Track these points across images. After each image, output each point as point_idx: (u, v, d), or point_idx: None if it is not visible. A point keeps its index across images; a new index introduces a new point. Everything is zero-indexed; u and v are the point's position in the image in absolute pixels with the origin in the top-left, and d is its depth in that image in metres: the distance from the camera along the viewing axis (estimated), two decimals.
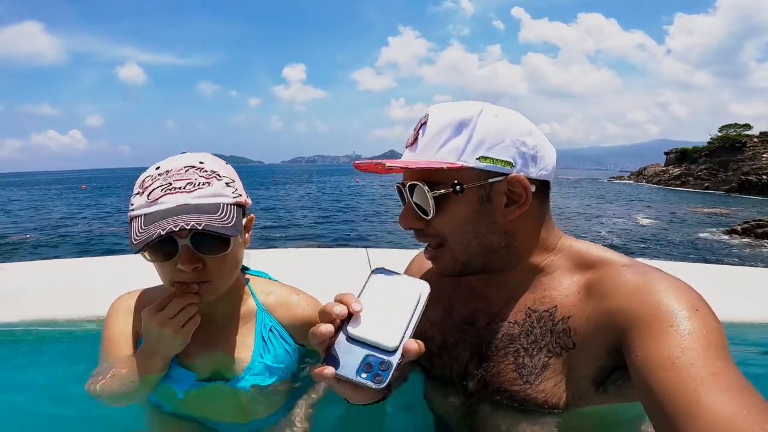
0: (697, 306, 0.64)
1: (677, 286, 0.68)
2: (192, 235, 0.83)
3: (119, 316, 1.00)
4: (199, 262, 0.85)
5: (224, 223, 0.84)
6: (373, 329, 0.59)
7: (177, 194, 0.83)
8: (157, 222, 0.80)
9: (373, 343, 0.58)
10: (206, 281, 0.88)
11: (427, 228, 0.80)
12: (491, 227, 0.78)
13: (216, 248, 0.86)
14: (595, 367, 0.73)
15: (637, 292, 0.69)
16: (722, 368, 0.56)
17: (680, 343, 0.59)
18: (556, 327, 0.77)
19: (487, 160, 0.74)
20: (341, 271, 2.37)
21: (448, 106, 0.78)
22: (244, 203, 0.94)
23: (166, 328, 0.87)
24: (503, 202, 0.77)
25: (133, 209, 0.85)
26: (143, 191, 0.85)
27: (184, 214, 0.81)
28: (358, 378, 0.57)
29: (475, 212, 0.77)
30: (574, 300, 0.77)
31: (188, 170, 0.87)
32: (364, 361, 0.58)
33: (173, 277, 0.87)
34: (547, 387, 0.75)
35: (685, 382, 0.55)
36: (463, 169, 0.74)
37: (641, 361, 0.61)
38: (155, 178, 0.86)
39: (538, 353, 0.77)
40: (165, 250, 0.84)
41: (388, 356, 0.58)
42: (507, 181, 0.76)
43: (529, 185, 0.76)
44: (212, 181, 0.88)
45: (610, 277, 0.74)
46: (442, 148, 0.75)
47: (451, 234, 0.78)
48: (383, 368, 0.57)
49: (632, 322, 0.66)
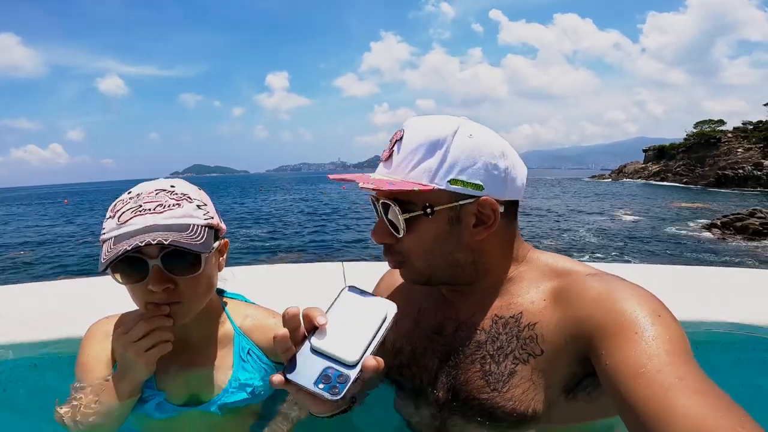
0: (659, 312, 0.67)
1: (639, 293, 0.71)
2: (162, 255, 0.83)
3: (96, 340, 0.99)
4: (170, 282, 0.84)
5: (193, 240, 0.84)
6: (335, 343, 0.61)
7: (146, 215, 0.84)
8: (125, 241, 0.80)
9: (333, 356, 0.60)
10: (178, 302, 0.87)
11: (396, 245, 0.81)
12: (458, 246, 0.79)
13: (187, 268, 0.86)
14: (564, 375, 0.74)
15: (601, 300, 0.71)
16: (688, 372, 0.58)
17: (646, 350, 0.61)
18: (522, 333, 0.78)
19: (458, 183, 0.75)
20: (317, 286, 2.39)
21: (424, 121, 0.79)
22: (217, 226, 0.94)
23: (128, 351, 0.86)
24: (471, 222, 0.78)
25: (104, 233, 0.85)
26: (114, 215, 0.86)
27: (152, 232, 0.81)
28: (315, 388, 0.59)
29: (443, 233, 0.78)
30: (540, 306, 0.78)
31: (158, 193, 0.88)
32: (323, 373, 0.59)
33: (145, 299, 0.86)
34: (516, 394, 0.76)
35: (654, 388, 0.56)
36: (434, 192, 0.75)
37: (610, 370, 0.63)
38: (126, 202, 0.87)
39: (504, 360, 0.78)
40: (135, 272, 0.84)
41: (347, 370, 0.60)
42: (477, 204, 0.77)
43: (498, 207, 0.77)
44: (183, 203, 0.88)
45: (576, 286, 0.76)
46: (415, 168, 0.76)
47: (417, 252, 0.80)
48: (340, 381, 0.59)
49: (599, 331, 0.68)
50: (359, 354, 0.60)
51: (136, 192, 0.89)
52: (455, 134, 0.76)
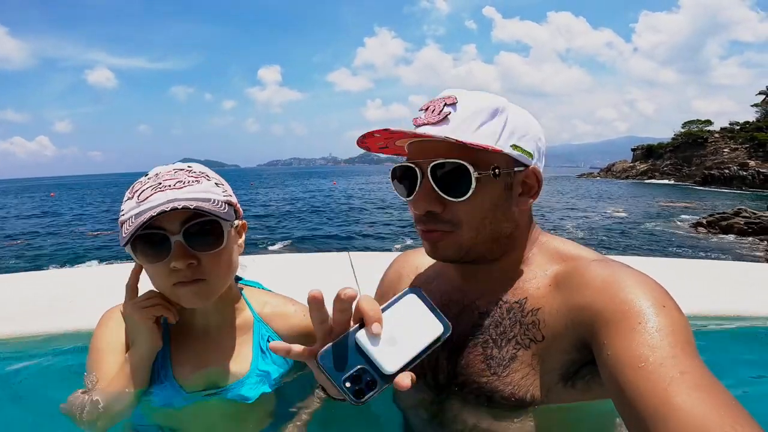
0: (663, 302, 0.65)
1: (644, 282, 0.69)
2: (184, 230, 0.83)
3: (109, 326, 0.99)
4: (193, 258, 0.84)
5: (217, 208, 0.85)
6: (380, 347, 0.58)
7: (167, 191, 0.84)
8: (143, 215, 0.80)
9: (374, 359, 0.57)
10: (202, 279, 0.86)
11: (444, 212, 0.76)
12: (506, 215, 0.79)
13: (210, 243, 0.86)
14: (563, 362, 0.74)
15: (605, 288, 0.69)
16: (691, 367, 0.57)
17: (649, 342, 0.60)
18: (525, 318, 0.77)
19: (518, 149, 0.76)
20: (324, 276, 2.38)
21: (472, 92, 0.78)
22: (235, 205, 0.94)
23: (135, 314, 0.90)
24: (519, 191, 0.79)
25: (123, 214, 0.85)
26: (133, 195, 0.85)
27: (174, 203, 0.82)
28: (341, 384, 0.56)
29: (500, 198, 0.77)
30: (544, 292, 0.78)
31: (177, 172, 0.89)
32: (355, 373, 0.57)
33: (169, 280, 0.85)
34: (515, 379, 0.76)
35: (655, 382, 0.55)
36: (500, 154, 0.75)
37: (611, 360, 0.62)
38: (145, 182, 0.87)
39: (507, 345, 0.78)
40: (157, 250, 0.83)
41: (380, 378, 0.57)
42: (526, 173, 0.78)
43: (542, 178, 0.80)
44: (201, 180, 0.89)
45: (579, 271, 0.75)
46: (479, 129, 0.74)
47: (470, 220, 0.76)
48: (369, 386, 0.56)
49: (601, 319, 0.67)
50: (398, 367, 0.58)
51: (154, 173, 0.89)
52: (509, 105, 0.78)
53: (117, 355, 0.95)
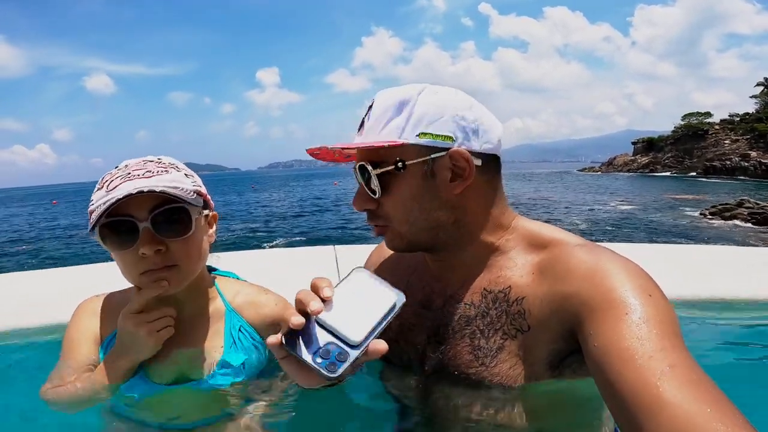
0: (650, 291, 0.64)
1: (629, 269, 0.68)
2: (152, 217, 0.83)
3: (84, 317, 0.99)
4: (161, 244, 0.84)
5: (184, 194, 0.85)
6: (341, 320, 0.60)
7: (135, 180, 0.84)
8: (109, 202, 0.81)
9: (337, 332, 0.59)
10: (173, 265, 0.86)
11: (378, 209, 0.80)
12: (436, 203, 0.78)
13: (178, 230, 0.86)
14: (549, 351, 0.73)
15: (590, 275, 0.68)
16: (679, 360, 0.56)
17: (636, 333, 0.59)
18: (511, 308, 0.76)
19: (427, 136, 0.75)
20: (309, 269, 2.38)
21: (392, 89, 0.80)
22: (205, 196, 0.95)
23: (141, 329, 0.87)
24: (447, 177, 0.77)
25: (93, 203, 0.85)
26: (102, 186, 0.85)
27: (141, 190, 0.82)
28: (312, 362, 0.57)
29: (419, 188, 0.77)
30: (528, 280, 0.77)
31: (146, 163, 0.89)
32: (324, 347, 0.58)
33: (137, 268, 0.85)
34: (503, 369, 0.75)
35: (645, 377, 0.54)
36: (405, 147, 0.75)
37: (598, 352, 0.61)
38: (114, 173, 0.87)
39: (494, 335, 0.77)
40: (125, 237, 0.83)
41: (349, 349, 0.58)
42: (449, 156, 0.76)
43: (472, 159, 0.76)
44: (171, 170, 0.89)
45: (563, 258, 0.74)
46: (384, 128, 0.76)
47: (395, 214, 0.78)
48: (340, 359, 0.58)
49: (587, 309, 0.66)
50: (363, 335, 0.59)
51: (123, 164, 0.89)
52: (420, 93, 0.77)
53: (90, 345, 0.96)
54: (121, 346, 0.90)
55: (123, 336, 0.89)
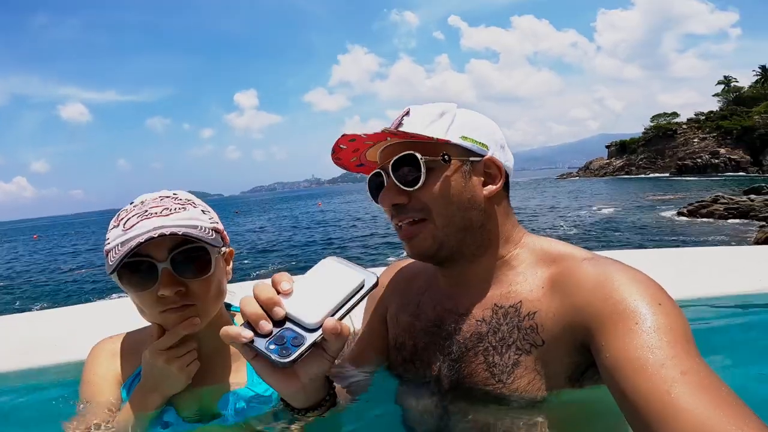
0: (659, 300, 0.64)
1: (637, 279, 0.68)
2: (172, 257, 0.82)
3: (103, 358, 0.97)
4: (180, 285, 0.83)
5: (204, 235, 0.84)
6: (298, 306, 0.58)
7: (153, 218, 0.83)
8: (130, 242, 0.80)
9: (294, 317, 0.57)
10: (191, 304, 0.85)
11: (411, 202, 0.81)
12: (472, 203, 0.81)
13: (197, 271, 0.85)
14: (567, 364, 0.73)
15: (598, 288, 0.69)
16: (692, 366, 0.56)
17: (648, 343, 0.59)
18: (523, 323, 0.76)
19: (469, 139, 0.81)
20: None
21: (426, 104, 0.86)
22: (222, 232, 0.94)
23: (173, 365, 0.86)
24: (480, 180, 0.83)
25: (109, 242, 0.84)
26: (119, 223, 0.84)
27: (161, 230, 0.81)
28: (264, 348, 0.55)
29: (458, 184, 0.80)
30: (538, 295, 0.77)
31: (163, 199, 0.89)
32: (279, 334, 0.57)
33: (156, 308, 0.84)
34: (521, 385, 0.74)
35: (657, 385, 0.54)
36: (449, 144, 0.80)
37: (611, 364, 0.61)
38: (130, 210, 0.86)
39: (507, 351, 0.77)
40: (144, 278, 0.82)
41: (305, 333, 0.57)
42: (484, 162, 0.83)
43: (503, 167, 0.84)
44: (188, 207, 0.89)
45: (572, 272, 0.75)
46: (429, 126, 0.81)
47: (437, 205, 0.80)
48: (295, 343, 0.56)
49: (597, 321, 0.66)
50: (320, 317, 0.57)
51: (139, 200, 0.89)
52: (457, 108, 0.85)
53: (113, 387, 0.95)
54: (152, 382, 0.88)
55: (154, 372, 0.87)
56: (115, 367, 0.96)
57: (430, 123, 0.81)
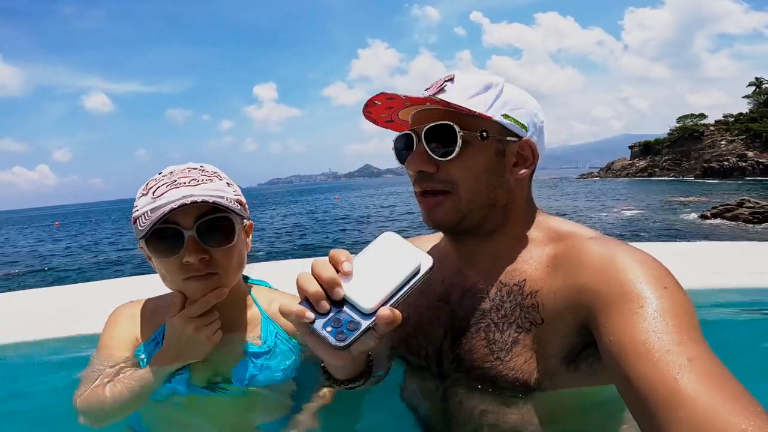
0: (665, 283, 0.63)
1: (644, 261, 0.67)
2: (197, 226, 0.85)
3: (122, 321, 1.00)
4: (205, 253, 0.86)
5: (229, 203, 0.88)
6: (355, 288, 0.58)
7: (181, 188, 0.86)
8: (162, 208, 0.83)
9: (351, 301, 0.57)
10: (214, 273, 0.88)
11: (438, 173, 0.79)
12: (500, 181, 0.80)
13: (221, 240, 0.88)
14: (564, 344, 0.72)
15: (603, 268, 0.67)
16: (698, 353, 0.54)
17: (653, 327, 0.57)
18: (525, 301, 0.76)
19: (510, 119, 0.79)
20: None
21: (472, 72, 0.83)
22: (244, 204, 0.97)
23: (201, 332, 0.88)
24: (512, 161, 0.81)
25: (137, 209, 0.87)
26: (147, 192, 0.87)
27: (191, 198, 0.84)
28: (322, 330, 0.56)
29: (491, 163, 0.79)
30: (542, 273, 0.77)
31: (191, 170, 0.92)
32: (335, 316, 0.56)
33: (181, 274, 0.86)
34: (518, 364, 0.74)
35: (663, 371, 0.53)
36: (490, 121, 0.78)
37: (614, 346, 0.59)
38: (159, 179, 0.89)
39: (508, 328, 0.76)
40: (170, 245, 0.85)
41: (361, 318, 0.56)
42: (520, 144, 0.81)
43: (537, 151, 0.82)
44: (214, 179, 0.92)
45: (576, 250, 0.74)
46: (472, 98, 0.78)
47: (465, 180, 0.78)
48: (350, 328, 0.56)
49: (601, 302, 0.64)
50: (377, 303, 0.56)
51: (168, 171, 0.92)
52: (505, 83, 0.81)
53: (129, 348, 0.97)
54: (177, 349, 0.90)
55: (182, 339, 0.89)
56: (134, 330, 0.98)
57: (475, 95, 0.78)
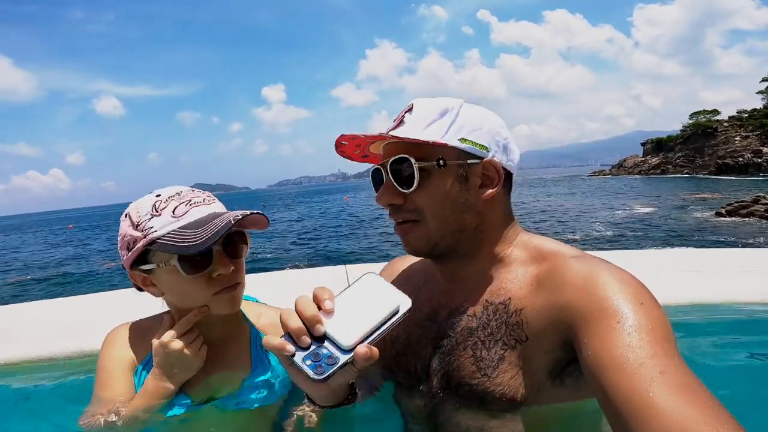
0: (642, 299, 0.66)
1: (621, 278, 0.69)
2: (223, 240, 0.90)
3: (117, 346, 1.01)
4: (231, 264, 0.91)
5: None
6: (336, 325, 0.61)
7: (202, 206, 0.91)
8: (207, 224, 0.85)
9: (331, 337, 0.60)
10: (238, 283, 0.93)
11: (406, 203, 0.83)
12: (466, 206, 0.82)
13: (240, 253, 0.95)
14: (549, 360, 0.74)
15: (584, 285, 0.70)
16: (670, 366, 0.56)
17: (627, 341, 0.60)
18: (510, 319, 0.78)
19: (467, 142, 0.80)
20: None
21: (430, 98, 0.86)
22: None
23: (188, 349, 0.92)
24: (478, 183, 0.82)
25: (156, 230, 0.87)
26: (160, 213, 0.89)
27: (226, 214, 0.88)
28: (301, 363, 0.59)
29: (453, 189, 0.81)
30: (526, 292, 0.79)
31: (194, 190, 0.97)
32: (315, 351, 0.60)
33: (209, 290, 0.90)
34: (504, 380, 0.76)
35: (636, 384, 0.55)
36: (446, 147, 0.80)
37: (592, 361, 0.62)
38: (166, 201, 0.91)
39: (494, 346, 0.78)
40: (200, 260, 0.88)
41: (340, 353, 0.59)
42: (482, 165, 0.82)
43: (502, 170, 0.83)
44: (215, 199, 0.98)
45: (558, 269, 0.76)
46: (428, 127, 0.80)
47: (430, 208, 0.81)
48: (329, 362, 0.58)
49: (580, 319, 0.67)
50: (356, 340, 0.59)
51: (168, 193, 0.93)
52: (461, 105, 0.83)
53: (126, 374, 0.98)
54: (168, 367, 0.92)
55: (170, 359, 0.91)
56: (127, 354, 0.99)
57: (430, 123, 0.81)
